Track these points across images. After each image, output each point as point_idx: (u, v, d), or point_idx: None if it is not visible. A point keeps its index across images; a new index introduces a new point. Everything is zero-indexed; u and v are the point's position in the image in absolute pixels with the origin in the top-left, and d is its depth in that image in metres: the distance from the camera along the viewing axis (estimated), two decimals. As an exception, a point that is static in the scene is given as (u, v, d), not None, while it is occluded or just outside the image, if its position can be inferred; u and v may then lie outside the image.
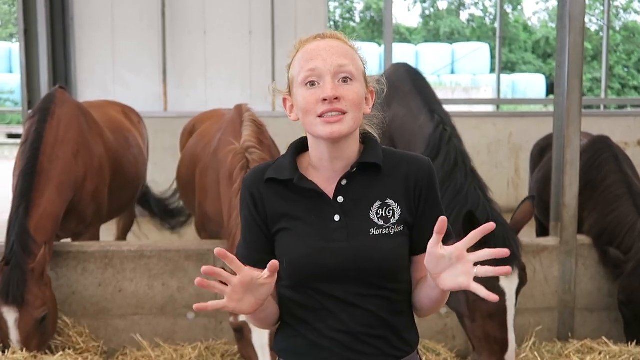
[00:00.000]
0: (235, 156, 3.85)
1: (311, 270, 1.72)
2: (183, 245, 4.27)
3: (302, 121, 1.74)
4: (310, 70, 1.71)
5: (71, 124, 4.31)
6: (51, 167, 4.03)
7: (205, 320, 4.22)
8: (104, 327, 4.20)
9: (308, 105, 1.70)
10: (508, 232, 3.49)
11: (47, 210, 3.90)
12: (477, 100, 15.18)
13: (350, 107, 1.70)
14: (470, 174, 3.75)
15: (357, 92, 1.72)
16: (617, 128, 7.86)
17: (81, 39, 8.46)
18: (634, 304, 4.07)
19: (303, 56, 1.75)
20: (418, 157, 1.84)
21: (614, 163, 4.52)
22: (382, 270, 1.73)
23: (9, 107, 17.72)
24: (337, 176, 1.77)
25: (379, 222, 1.74)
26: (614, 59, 21.78)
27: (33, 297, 3.65)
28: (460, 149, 3.85)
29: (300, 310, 1.75)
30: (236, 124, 4.25)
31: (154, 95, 8.50)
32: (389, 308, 1.74)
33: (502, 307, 3.41)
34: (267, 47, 8.48)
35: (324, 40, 1.76)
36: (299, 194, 1.77)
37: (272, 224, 1.78)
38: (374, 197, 1.76)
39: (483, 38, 23.02)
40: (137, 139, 5.28)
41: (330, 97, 1.67)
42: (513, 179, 8.50)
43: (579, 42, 4.30)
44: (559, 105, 4.48)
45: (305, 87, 1.71)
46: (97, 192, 4.43)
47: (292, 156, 1.82)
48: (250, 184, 1.82)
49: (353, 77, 1.72)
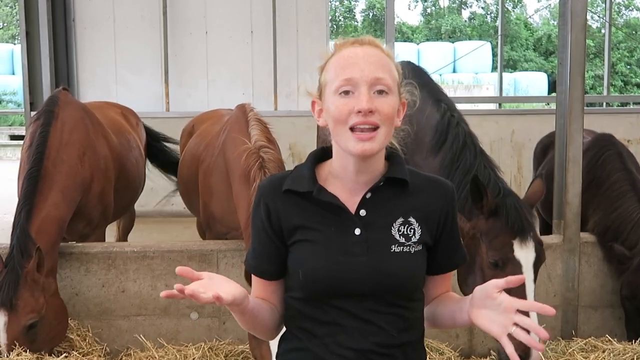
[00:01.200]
0: (250, 156, 3.83)
1: (327, 283, 1.69)
2: (186, 246, 4.27)
3: (332, 129, 1.70)
4: (346, 80, 1.65)
5: (76, 126, 4.29)
6: (55, 170, 4.01)
7: (208, 320, 4.22)
8: (108, 327, 4.21)
9: (341, 115, 1.65)
10: (519, 202, 3.41)
11: (51, 214, 3.88)
12: (479, 98, 15.18)
13: (384, 121, 1.65)
14: (480, 154, 3.70)
15: (392, 106, 1.67)
16: (620, 125, 7.85)
17: (82, 40, 8.47)
18: (638, 299, 4.06)
19: (339, 62, 1.69)
20: (443, 181, 1.83)
21: (618, 160, 4.52)
22: (400, 287, 1.71)
23: (11, 109, 17.77)
24: (360, 188, 1.73)
25: (400, 239, 1.71)
26: (616, 56, 21.75)
27: (23, 303, 3.61)
28: (468, 131, 3.81)
29: (309, 323, 1.72)
30: (242, 123, 4.23)
31: (156, 95, 8.51)
32: (400, 326, 1.71)
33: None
34: (268, 46, 8.48)
35: (362, 47, 1.70)
36: (318, 205, 1.72)
37: (287, 236, 1.75)
38: (397, 214, 1.73)
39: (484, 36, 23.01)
40: (136, 140, 5.29)
41: (366, 110, 1.62)
42: (516, 177, 8.49)
43: (581, 40, 4.29)
44: (561, 103, 4.47)
45: (339, 95, 1.66)
46: (104, 193, 4.43)
47: (311, 167, 1.77)
48: (266, 194, 1.77)
49: (389, 90, 1.67)
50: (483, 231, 3.37)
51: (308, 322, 1.72)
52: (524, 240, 3.29)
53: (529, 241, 3.30)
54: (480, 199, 3.34)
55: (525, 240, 3.29)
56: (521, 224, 3.31)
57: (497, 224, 3.33)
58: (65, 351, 3.90)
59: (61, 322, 3.88)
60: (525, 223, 3.32)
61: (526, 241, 3.29)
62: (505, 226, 3.30)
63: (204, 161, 4.45)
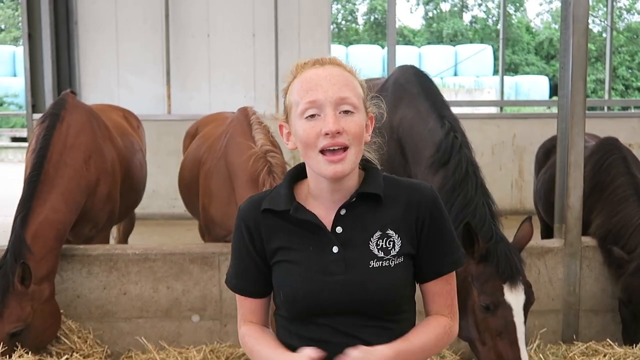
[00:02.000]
0: (257, 160, 3.83)
1: (308, 304, 1.69)
2: (187, 248, 4.27)
3: (302, 153, 1.70)
4: (311, 102, 1.65)
5: (82, 129, 4.27)
6: (57, 174, 3.98)
7: (210, 323, 4.23)
8: (109, 330, 4.21)
9: (309, 139, 1.65)
10: (510, 249, 3.50)
11: (49, 218, 3.85)
12: (480, 102, 15.17)
13: (353, 141, 1.65)
14: (480, 188, 3.74)
15: (359, 125, 1.66)
16: (621, 129, 7.84)
17: (85, 43, 8.49)
18: (634, 303, 4.07)
19: (302, 85, 1.68)
20: (420, 185, 1.79)
21: (622, 165, 4.51)
22: (381, 303, 1.69)
23: (13, 111, 17.78)
24: (336, 206, 1.73)
25: (379, 253, 1.70)
26: (617, 60, 21.76)
27: (9, 311, 3.59)
28: (471, 159, 3.84)
29: (297, 339, 1.73)
30: (245, 127, 4.23)
31: (158, 98, 8.52)
32: (389, 338, 1.69)
33: (511, 323, 3.38)
34: (270, 49, 8.49)
35: (323, 68, 1.69)
36: (296, 224, 1.73)
37: (269, 256, 1.76)
38: (374, 228, 1.72)
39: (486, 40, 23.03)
40: (139, 143, 5.30)
41: (333, 131, 1.62)
42: (517, 181, 8.50)
43: (583, 44, 4.29)
44: (562, 107, 4.47)
45: (305, 119, 1.66)
46: (110, 196, 4.42)
47: (288, 186, 1.77)
48: (245, 216, 1.78)
49: (355, 108, 1.67)
50: (474, 275, 3.48)
51: (296, 339, 1.72)
52: (514, 285, 3.41)
53: (518, 285, 3.42)
54: (471, 244, 3.43)
55: (515, 285, 3.41)
56: (510, 270, 3.42)
57: (487, 269, 3.44)
58: (66, 353, 3.90)
59: (50, 327, 3.86)
60: (514, 269, 3.43)
61: (516, 285, 3.41)
62: (495, 272, 3.42)
63: (205, 163, 4.45)
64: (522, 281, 3.46)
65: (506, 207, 7.95)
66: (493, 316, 3.40)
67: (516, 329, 3.38)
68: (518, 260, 3.50)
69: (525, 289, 3.45)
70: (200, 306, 4.21)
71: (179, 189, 5.16)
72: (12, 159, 15.18)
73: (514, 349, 3.38)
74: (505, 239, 3.55)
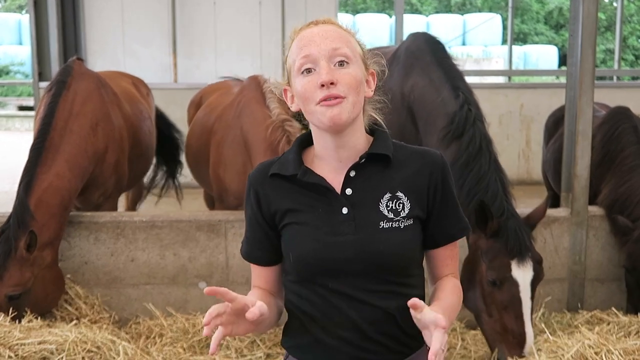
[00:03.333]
0: (276, 130, 3.83)
1: (318, 265, 1.68)
2: (194, 216, 4.29)
3: (303, 110, 1.71)
4: (305, 57, 1.66)
5: (89, 97, 4.26)
6: (62, 141, 4.00)
7: (216, 289, 4.26)
8: (117, 296, 4.25)
9: (306, 93, 1.66)
10: (520, 224, 3.51)
11: (53, 184, 3.87)
12: (488, 71, 15.06)
13: (348, 91, 1.64)
14: (493, 163, 3.73)
15: (354, 75, 1.66)
16: (631, 99, 7.74)
17: (91, 10, 8.44)
18: (638, 270, 4.08)
19: (297, 44, 1.71)
20: (430, 152, 1.79)
21: (633, 134, 4.48)
22: (392, 264, 1.69)
23: (19, 79, 17.75)
24: (344, 166, 1.72)
25: (388, 214, 1.69)
26: (627, 29, 21.51)
27: (8, 275, 3.65)
28: (485, 133, 3.82)
29: (307, 306, 1.72)
30: (258, 96, 4.22)
31: (164, 66, 8.49)
32: (397, 304, 1.68)
33: (517, 299, 3.42)
34: (277, 17, 8.43)
35: (317, 26, 1.72)
36: (305, 187, 1.73)
37: (278, 220, 1.75)
38: (384, 189, 1.71)
39: (495, 9, 22.76)
40: (148, 111, 5.29)
41: (327, 81, 1.62)
42: (524, 151, 8.47)
43: (593, 12, 4.25)
44: (571, 76, 4.44)
45: (302, 75, 1.67)
46: (119, 163, 4.43)
47: (297, 151, 1.78)
48: (254, 182, 1.80)
49: (349, 59, 1.67)
50: (483, 250, 3.51)
51: (306, 305, 1.72)
52: (522, 262, 3.44)
53: (527, 262, 3.45)
54: (484, 221, 3.44)
55: (523, 262, 3.44)
56: (519, 247, 3.45)
57: (497, 245, 3.47)
58: (75, 317, 3.94)
59: (51, 293, 3.90)
60: (523, 246, 3.46)
61: (524, 262, 3.45)
62: (504, 248, 3.45)
63: (216, 133, 4.43)
64: (531, 257, 3.48)
65: (513, 177, 7.88)
66: (500, 290, 3.43)
67: (522, 304, 3.43)
68: (527, 237, 3.52)
69: (533, 266, 3.48)
70: (206, 273, 4.25)
71: (186, 159, 5.17)
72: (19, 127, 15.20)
73: (519, 322, 3.42)
74: (516, 215, 3.57)
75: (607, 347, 3.38)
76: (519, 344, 3.42)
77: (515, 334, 3.43)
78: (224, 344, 3.94)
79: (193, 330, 4.03)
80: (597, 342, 3.43)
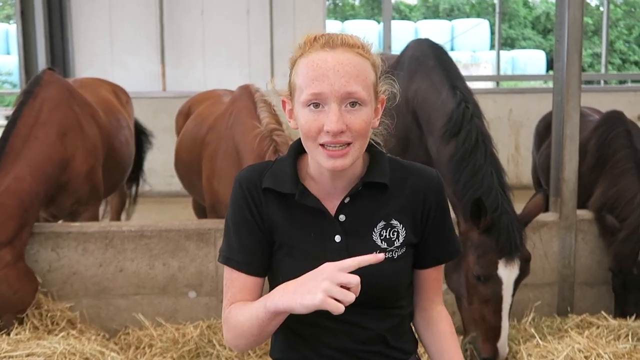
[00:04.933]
0: (263, 139, 3.84)
1: None
2: (183, 225, 4.27)
3: (302, 140, 1.61)
4: (315, 95, 1.54)
5: (57, 106, 4.29)
6: (25, 146, 4.04)
7: (206, 299, 4.24)
8: (106, 306, 4.23)
9: (310, 132, 1.55)
10: (513, 222, 3.51)
11: (12, 187, 3.90)
12: (476, 77, 15.09)
13: (357, 137, 1.55)
14: (490, 156, 3.74)
15: (366, 120, 1.56)
16: (618, 103, 7.81)
17: (78, 20, 8.43)
18: (623, 273, 4.10)
19: (307, 71, 1.56)
20: (425, 172, 1.72)
21: (625, 138, 4.51)
22: (384, 294, 1.66)
23: (7, 89, 17.66)
24: (338, 192, 1.66)
25: (382, 244, 1.64)
26: (614, 33, 21.65)
27: None
28: (482, 129, 3.84)
29: (296, 324, 1.65)
30: (250, 106, 4.22)
31: (152, 75, 8.48)
32: (389, 324, 1.68)
33: (499, 295, 3.45)
34: (265, 26, 8.44)
35: (333, 52, 1.55)
36: (299, 208, 1.65)
37: (269, 233, 1.67)
38: (378, 217, 1.66)
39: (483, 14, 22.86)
40: (126, 119, 5.28)
41: (335, 131, 1.52)
42: (513, 156, 8.50)
43: (578, 17, 4.27)
44: (558, 81, 4.46)
45: (308, 108, 1.56)
46: (92, 172, 4.44)
47: (292, 164, 1.68)
48: (248, 184, 1.68)
49: (363, 102, 1.55)
50: (474, 244, 3.52)
51: (294, 323, 1.63)
52: (510, 261, 3.45)
53: (514, 262, 3.46)
54: (478, 217, 3.45)
55: (511, 261, 3.45)
56: (509, 246, 3.45)
57: (487, 241, 3.48)
58: (64, 329, 3.92)
59: (20, 290, 3.89)
60: (513, 245, 3.46)
61: (512, 262, 3.46)
62: (494, 246, 3.46)
63: (208, 144, 4.41)
64: (519, 257, 3.49)
65: (502, 181, 7.95)
66: (483, 285, 3.47)
67: (502, 300, 3.47)
68: (519, 235, 3.52)
69: (520, 265, 3.49)
70: (196, 282, 4.23)
71: (176, 170, 5.14)
72: (7, 138, 15.11)
73: (497, 317, 3.46)
74: (510, 211, 3.56)
75: (596, 351, 3.39)
76: (494, 336, 3.46)
77: (491, 327, 3.47)
78: (214, 353, 3.93)
79: (183, 340, 4.01)
80: (586, 346, 3.44)
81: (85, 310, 4.18)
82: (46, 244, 4.16)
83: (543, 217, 4.42)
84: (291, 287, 1.50)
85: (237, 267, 1.69)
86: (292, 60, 1.64)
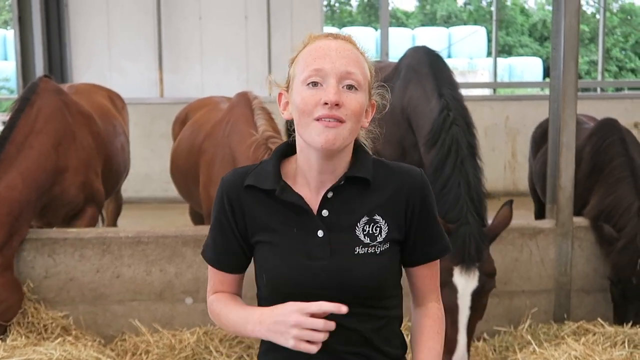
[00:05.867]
0: (259, 147, 3.85)
1: (290, 289, 1.64)
2: (180, 231, 4.27)
3: (296, 122, 1.65)
4: (316, 70, 1.60)
5: (53, 116, 4.29)
6: (20, 155, 4.04)
7: (203, 305, 4.24)
8: (102, 312, 4.22)
9: (306, 106, 1.60)
10: (474, 233, 3.50)
11: (2, 195, 3.89)
12: (473, 84, 15.11)
13: (350, 117, 1.60)
14: (459, 165, 3.71)
15: (360, 103, 1.62)
16: (614, 111, 7.84)
17: (76, 26, 8.43)
18: (622, 282, 4.10)
19: (310, 53, 1.64)
20: (410, 171, 1.75)
21: (620, 146, 4.52)
22: (367, 290, 1.66)
23: (4, 95, 17.66)
24: (323, 187, 1.68)
25: (365, 239, 1.66)
26: (610, 41, 21.72)
27: None
28: (457, 137, 3.80)
29: None
30: (247, 114, 4.23)
31: (150, 81, 8.48)
32: (373, 326, 1.67)
33: (454, 305, 3.42)
34: (262, 31, 8.46)
35: (336, 41, 1.66)
36: (281, 204, 1.68)
37: (251, 234, 1.71)
38: (361, 212, 1.67)
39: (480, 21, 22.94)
40: (122, 126, 5.29)
41: (332, 101, 1.57)
42: (510, 163, 8.52)
43: (574, 24, 4.29)
44: (554, 88, 4.48)
45: (307, 86, 1.61)
46: (87, 182, 4.44)
47: (276, 163, 1.72)
48: (229, 188, 1.73)
49: (359, 86, 1.62)
50: None
51: None
52: (465, 270, 3.44)
53: (471, 271, 3.45)
54: None
55: (467, 270, 3.44)
56: (463, 255, 3.45)
57: None
58: (60, 336, 3.91)
59: (5, 300, 3.86)
60: (467, 255, 3.45)
61: (468, 271, 3.45)
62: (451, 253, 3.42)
63: (205, 152, 4.41)
64: (477, 267, 3.47)
65: (499, 188, 7.97)
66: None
67: (458, 311, 3.43)
68: (478, 246, 3.49)
69: (480, 277, 3.47)
70: (193, 288, 4.23)
71: (172, 177, 5.13)
72: (5, 143, 15.09)
73: (453, 328, 3.42)
74: (473, 222, 3.55)
75: (593, 358, 3.40)
76: (449, 350, 3.40)
77: (448, 339, 3.38)
78: (211, 359, 3.92)
79: (180, 346, 4.00)
80: (583, 353, 3.45)
81: (82, 316, 4.17)
82: (43, 250, 4.16)
83: (540, 224, 4.44)
84: (266, 324, 1.61)
85: (211, 263, 1.79)
86: (293, 56, 1.71)
